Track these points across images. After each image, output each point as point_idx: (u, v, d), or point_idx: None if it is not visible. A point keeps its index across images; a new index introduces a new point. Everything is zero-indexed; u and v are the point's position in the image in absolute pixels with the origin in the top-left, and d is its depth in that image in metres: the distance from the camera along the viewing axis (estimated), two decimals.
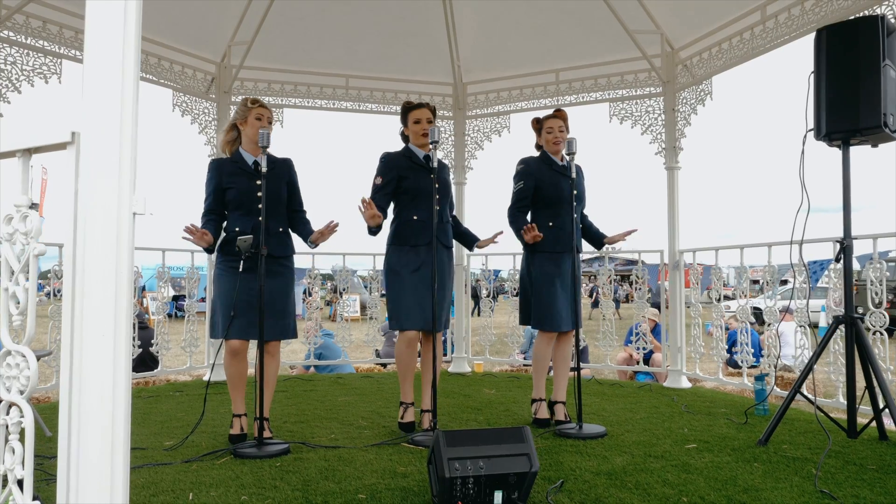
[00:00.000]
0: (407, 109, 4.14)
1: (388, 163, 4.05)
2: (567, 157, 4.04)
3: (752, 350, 5.53)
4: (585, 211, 4.44)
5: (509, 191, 4.30)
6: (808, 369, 3.58)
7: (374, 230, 3.90)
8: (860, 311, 3.82)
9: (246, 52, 6.01)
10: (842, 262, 3.59)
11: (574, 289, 4.15)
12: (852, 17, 3.84)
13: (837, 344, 4.34)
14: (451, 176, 4.33)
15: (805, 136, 3.64)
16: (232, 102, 6.26)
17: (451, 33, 6.27)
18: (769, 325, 5.15)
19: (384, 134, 4.06)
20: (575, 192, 4.13)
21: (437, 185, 3.93)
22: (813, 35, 4.38)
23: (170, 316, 6.17)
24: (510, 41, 6.35)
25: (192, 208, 4.01)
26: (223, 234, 3.83)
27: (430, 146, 3.80)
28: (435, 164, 3.82)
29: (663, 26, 5.73)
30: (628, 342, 8.54)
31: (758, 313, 12.30)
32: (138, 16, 1.52)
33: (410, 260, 3.97)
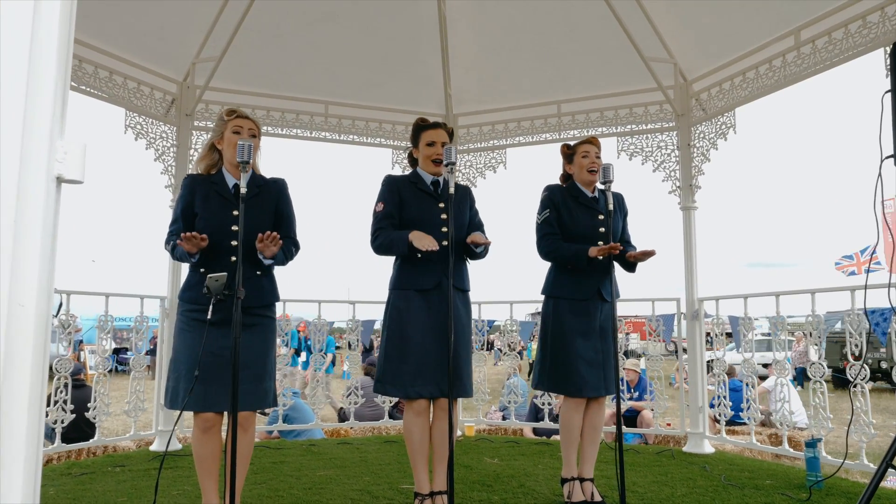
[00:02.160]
0: (421, 128, 3.45)
1: (391, 185, 3.37)
2: (602, 187, 3.44)
3: (731, 404, 5.14)
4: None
5: (532, 224, 3.68)
6: None
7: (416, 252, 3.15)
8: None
9: (213, 71, 5.30)
10: None
11: (605, 345, 3.50)
12: None
13: (859, 401, 3.77)
14: (475, 203, 3.62)
15: (881, 165, 3.12)
16: (195, 127, 5.53)
17: (445, 60, 5.70)
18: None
19: (366, 166, 3.38)
20: (602, 229, 3.52)
21: (444, 217, 3.28)
22: (874, 54, 3.97)
23: (111, 372, 5.25)
24: (509, 69, 5.82)
25: (144, 246, 3.22)
26: (188, 276, 3.07)
27: (446, 168, 3.11)
28: (452, 190, 3.11)
29: (677, 55, 5.27)
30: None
31: (734, 367, 12.00)
32: None
33: (417, 307, 3.26)
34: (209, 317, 2.87)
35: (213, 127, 3.19)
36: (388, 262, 3.42)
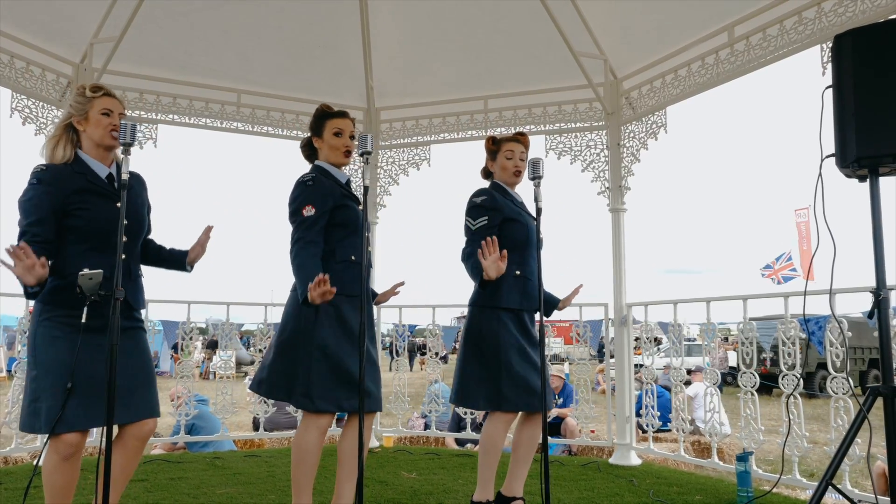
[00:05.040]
0: (326, 115, 3.09)
1: (320, 188, 2.95)
2: (533, 185, 3.12)
3: (659, 413, 4.96)
4: None
5: (460, 229, 3.35)
6: (842, 455, 2.81)
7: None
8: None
9: (112, 52, 4.81)
10: (875, 317, 2.89)
11: (538, 356, 3.22)
12: (884, 20, 3.27)
13: (841, 418, 3.66)
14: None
15: (821, 164, 2.98)
16: None
17: (366, 49, 5.38)
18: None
19: (281, 159, 3.02)
20: (541, 236, 3.25)
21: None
22: (808, 51, 3.87)
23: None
24: (434, 62, 5.53)
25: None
26: (53, 278, 2.54)
27: (361, 159, 2.78)
28: (366, 182, 2.78)
29: (608, 52, 5.11)
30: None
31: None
32: None
33: (344, 314, 2.92)
34: (84, 320, 2.49)
35: (71, 104, 2.71)
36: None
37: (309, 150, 3.19)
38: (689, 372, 11.91)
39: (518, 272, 3.23)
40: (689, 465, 5.16)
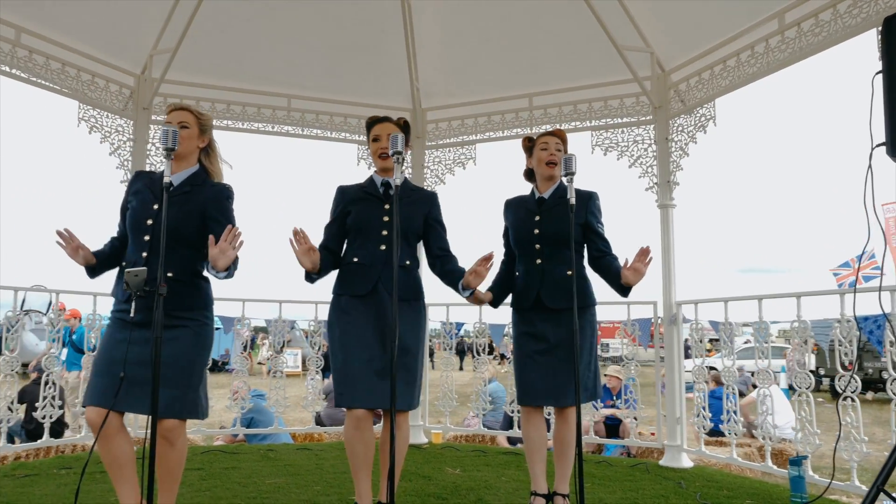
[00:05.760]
0: (369, 126, 3.24)
1: (338, 195, 3.20)
2: (566, 181, 3.11)
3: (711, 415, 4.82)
4: (613, 251, 3.41)
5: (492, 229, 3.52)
6: (894, 462, 2.68)
7: (310, 275, 3.00)
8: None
9: (169, 62, 5.02)
10: None
11: (557, 353, 3.21)
12: None
13: (850, 415, 3.50)
14: (439, 210, 3.32)
15: (871, 153, 2.87)
16: (152, 121, 5.28)
17: (410, 51, 5.44)
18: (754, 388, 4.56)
19: (330, 162, 3.13)
20: (536, 230, 3.28)
21: (386, 219, 3.04)
22: (864, 35, 3.71)
23: None
24: (478, 61, 5.55)
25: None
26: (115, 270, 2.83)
27: (393, 159, 2.83)
28: (398, 182, 2.81)
29: (654, 45, 5.02)
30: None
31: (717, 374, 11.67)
32: None
33: (359, 315, 2.99)
34: (131, 314, 2.66)
35: None
36: None
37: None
38: (753, 374, 11.56)
39: (517, 272, 3.39)
40: (755, 472, 5.01)
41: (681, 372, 4.92)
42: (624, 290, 3.25)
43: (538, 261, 3.27)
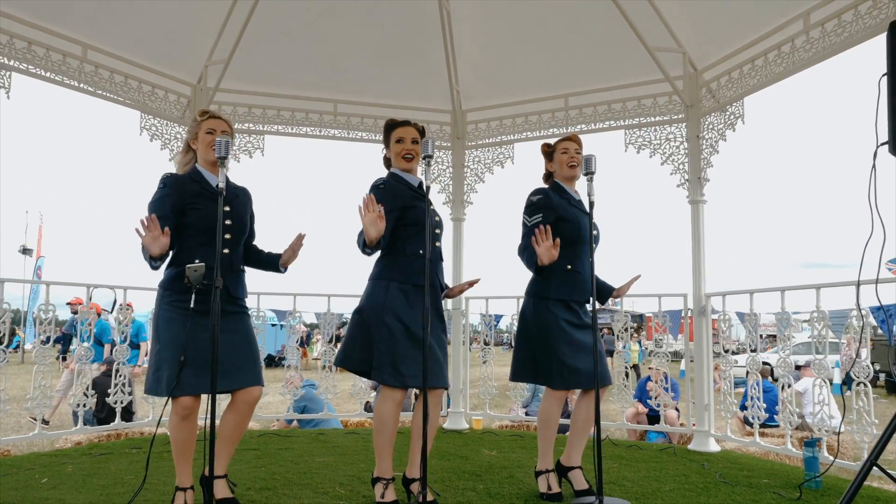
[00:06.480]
0: (390, 128, 3.50)
1: (391, 190, 3.35)
2: (586, 180, 3.38)
3: (765, 406, 4.82)
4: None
5: (518, 225, 3.66)
6: (888, 437, 2.86)
7: (369, 248, 3.17)
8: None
9: (222, 72, 5.43)
10: None
11: (594, 340, 3.46)
12: None
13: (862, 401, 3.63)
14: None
15: (876, 152, 3.02)
16: None
17: (449, 55, 5.72)
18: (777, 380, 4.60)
19: (375, 164, 3.44)
20: (595, 231, 3.52)
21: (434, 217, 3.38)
22: (872, 40, 3.85)
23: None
24: (515, 64, 5.80)
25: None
26: (171, 268, 3.13)
27: (424, 161, 3.14)
28: (429, 183, 3.13)
29: (686, 44, 5.18)
30: (638, 397, 7.82)
31: (768, 368, 11.56)
32: None
33: (410, 301, 3.28)
34: (192, 305, 3.01)
35: (188, 128, 3.30)
36: None
37: (386, 161, 3.58)
38: (798, 367, 11.48)
39: (569, 266, 3.51)
40: (780, 456, 5.12)
41: (709, 361, 5.08)
42: (605, 300, 3.81)
43: (591, 258, 3.45)
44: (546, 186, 3.71)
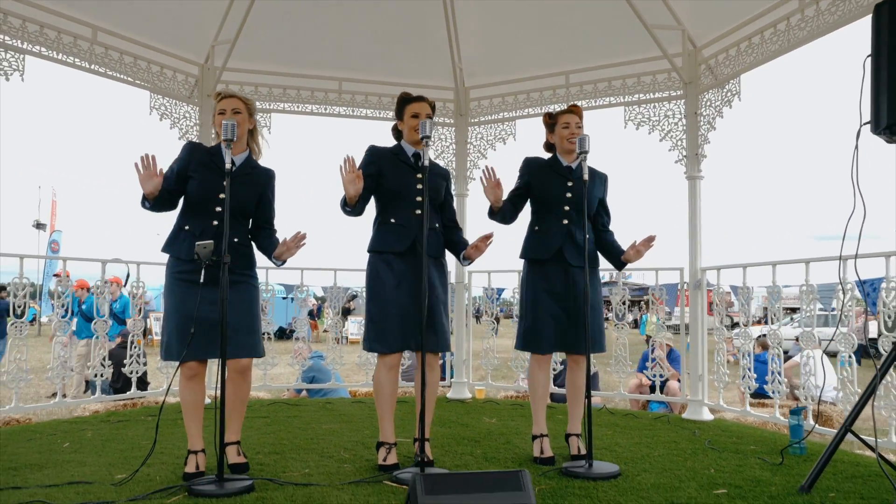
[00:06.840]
0: (405, 101, 3.64)
1: (372, 154, 3.58)
2: (580, 157, 3.53)
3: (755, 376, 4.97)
4: (611, 227, 3.94)
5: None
6: (862, 405, 3.02)
7: (349, 207, 3.40)
8: None
9: (229, 52, 5.55)
10: None
11: (577, 306, 3.61)
12: None
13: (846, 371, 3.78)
14: (452, 186, 3.82)
15: (859, 131, 3.13)
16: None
17: (451, 32, 5.80)
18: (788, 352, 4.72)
19: (379, 141, 3.59)
20: (569, 194, 3.66)
21: (420, 187, 3.47)
22: (864, 19, 3.92)
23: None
24: (516, 41, 5.88)
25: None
26: (170, 233, 3.36)
27: (422, 143, 3.30)
28: (425, 163, 3.29)
29: (685, 22, 5.25)
30: (642, 368, 7.98)
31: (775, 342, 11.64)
32: None
33: (392, 269, 3.47)
34: (202, 280, 3.19)
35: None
36: None
37: (396, 132, 3.72)
38: (798, 340, 11.57)
39: (537, 227, 3.75)
40: (778, 426, 5.25)
41: (704, 333, 5.23)
42: (621, 265, 3.85)
43: (565, 221, 3.66)
44: (537, 156, 3.88)
